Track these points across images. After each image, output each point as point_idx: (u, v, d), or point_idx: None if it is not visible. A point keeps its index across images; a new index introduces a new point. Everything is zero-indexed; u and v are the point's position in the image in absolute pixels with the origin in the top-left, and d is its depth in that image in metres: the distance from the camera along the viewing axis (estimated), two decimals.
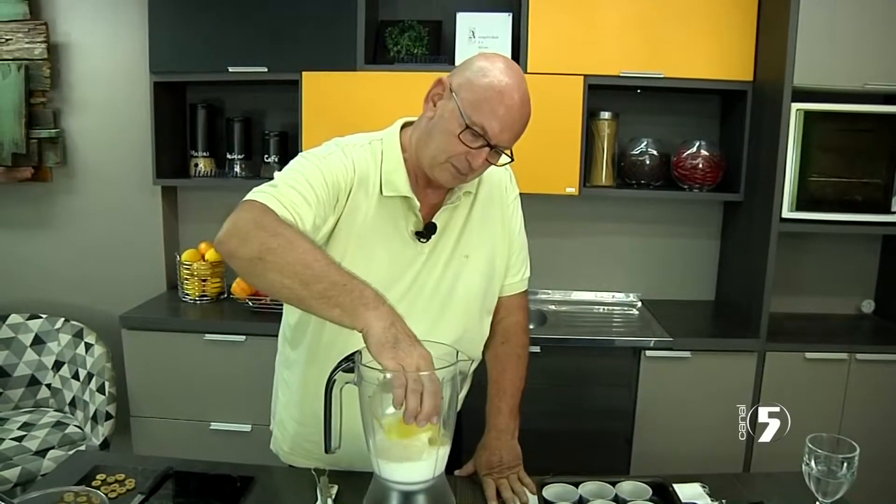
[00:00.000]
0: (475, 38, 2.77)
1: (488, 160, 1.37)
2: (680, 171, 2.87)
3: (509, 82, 1.36)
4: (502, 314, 1.64)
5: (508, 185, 1.62)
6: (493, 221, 1.56)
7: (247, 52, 2.79)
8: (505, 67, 1.38)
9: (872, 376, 2.61)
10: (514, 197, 1.64)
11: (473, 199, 1.53)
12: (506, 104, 1.34)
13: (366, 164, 1.44)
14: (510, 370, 1.61)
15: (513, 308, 1.65)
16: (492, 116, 1.33)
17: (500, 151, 1.38)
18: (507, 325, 1.64)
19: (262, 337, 2.68)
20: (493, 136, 1.34)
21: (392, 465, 1.19)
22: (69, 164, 3.16)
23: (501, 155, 1.39)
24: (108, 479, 1.49)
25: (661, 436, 2.64)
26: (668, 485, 1.44)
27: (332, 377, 1.19)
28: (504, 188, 1.60)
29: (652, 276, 3.15)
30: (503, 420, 1.58)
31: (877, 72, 2.52)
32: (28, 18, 2.99)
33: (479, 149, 1.35)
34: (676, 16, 2.68)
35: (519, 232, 1.64)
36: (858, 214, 2.62)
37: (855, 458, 1.27)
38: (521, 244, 1.65)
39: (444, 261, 1.49)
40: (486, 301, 1.57)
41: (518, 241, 1.63)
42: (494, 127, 1.34)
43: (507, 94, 1.35)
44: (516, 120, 1.37)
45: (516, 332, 1.64)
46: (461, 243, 1.51)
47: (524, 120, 1.39)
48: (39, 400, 2.94)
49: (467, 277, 1.51)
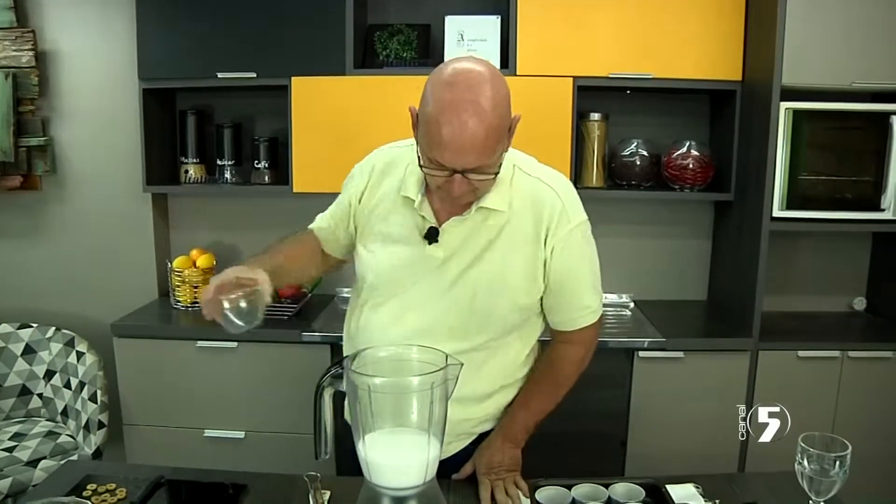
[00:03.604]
0: (464, 42, 2.77)
1: (468, 182, 1.32)
2: (670, 171, 2.88)
3: (452, 99, 1.26)
4: (560, 339, 1.61)
5: (556, 221, 1.47)
6: (527, 248, 1.47)
7: (236, 58, 2.78)
8: (449, 81, 1.29)
9: (865, 374, 2.62)
10: (567, 231, 1.47)
11: (507, 221, 1.47)
12: (452, 128, 1.26)
13: (395, 164, 1.56)
14: (544, 391, 1.61)
15: (566, 339, 1.60)
16: (440, 148, 1.28)
17: (475, 172, 1.31)
18: (561, 352, 1.61)
19: (254, 343, 2.68)
20: (451, 165, 1.29)
21: (383, 470, 1.19)
22: (58, 173, 3.15)
23: (480, 174, 1.32)
24: (100, 488, 1.49)
25: (655, 436, 2.64)
26: (661, 486, 1.44)
27: (322, 383, 1.18)
28: (550, 214, 1.47)
29: (644, 277, 3.15)
30: (514, 428, 1.59)
31: (864, 70, 2.53)
32: (15, 26, 2.98)
33: (450, 177, 1.32)
34: (665, 17, 2.68)
35: (572, 269, 1.51)
36: (849, 212, 2.63)
37: (847, 456, 1.27)
38: (568, 283, 1.52)
39: (458, 273, 1.48)
40: (501, 325, 1.52)
41: (569, 279, 1.51)
42: (447, 157, 1.28)
43: (450, 117, 1.26)
44: (467, 139, 1.26)
45: (561, 359, 1.61)
46: (483, 261, 1.47)
47: (482, 132, 1.26)
48: (31, 409, 2.92)
49: (482, 306, 1.48)
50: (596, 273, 1.56)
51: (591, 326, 1.58)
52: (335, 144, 2.72)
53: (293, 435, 2.66)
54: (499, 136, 1.30)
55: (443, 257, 1.48)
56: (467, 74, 1.28)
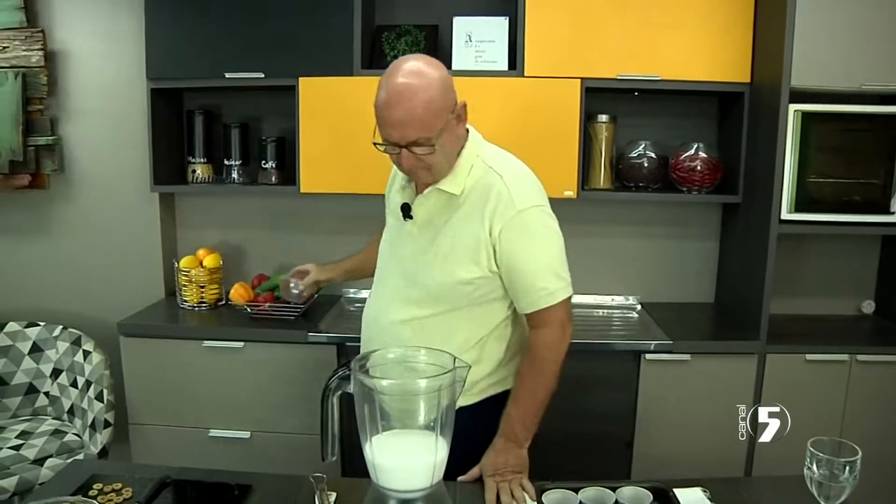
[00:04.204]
0: (472, 43, 2.77)
1: (415, 155, 1.54)
2: (678, 173, 2.87)
3: (395, 85, 1.51)
4: (531, 325, 1.69)
5: (501, 206, 1.60)
6: (471, 228, 1.62)
7: (243, 58, 2.78)
8: (393, 72, 1.54)
9: (873, 377, 2.60)
10: (511, 216, 1.59)
11: (461, 204, 1.64)
12: (389, 107, 1.51)
13: None
14: (525, 380, 1.66)
15: (534, 323, 1.67)
16: (387, 126, 1.53)
17: (417, 146, 1.53)
18: (534, 339, 1.68)
19: (260, 343, 2.68)
20: (395, 140, 1.53)
21: (390, 473, 1.19)
22: (66, 172, 3.16)
23: (422, 147, 1.53)
24: (105, 488, 1.49)
25: (661, 439, 2.63)
26: (669, 490, 1.43)
27: (329, 385, 1.18)
28: (496, 200, 1.60)
29: (651, 279, 3.14)
30: (510, 426, 1.62)
31: (874, 72, 2.51)
32: (25, 26, 2.99)
33: (399, 153, 1.55)
34: (673, 18, 2.67)
35: (521, 253, 1.61)
36: (857, 215, 2.61)
37: (857, 461, 1.26)
38: (519, 267, 1.62)
39: (423, 248, 1.67)
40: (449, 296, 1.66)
41: (520, 263, 1.61)
42: (393, 133, 1.53)
43: (390, 98, 1.51)
44: (406, 115, 1.50)
45: (534, 345, 1.67)
46: (431, 237, 1.67)
47: (419, 109, 1.49)
48: (38, 408, 2.93)
49: (429, 275, 1.66)
50: (554, 256, 1.65)
51: (555, 308, 1.64)
52: (342, 145, 2.72)
53: (299, 435, 2.66)
54: (434, 112, 1.52)
55: (417, 232, 1.69)
56: (408, 67, 1.53)
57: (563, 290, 1.65)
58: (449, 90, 1.57)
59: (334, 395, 1.22)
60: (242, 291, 2.87)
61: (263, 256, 3.23)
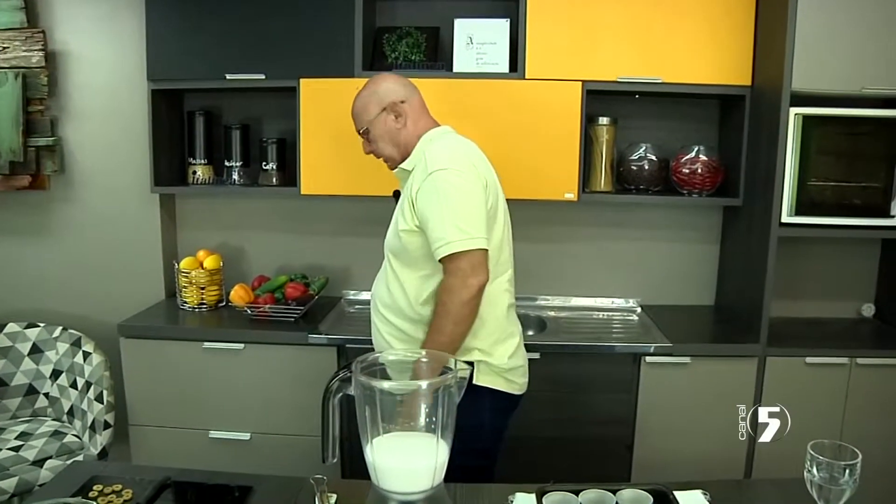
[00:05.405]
0: (473, 45, 2.77)
1: (365, 140, 2.10)
2: (679, 176, 2.87)
3: None
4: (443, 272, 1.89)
5: (418, 168, 1.94)
6: (405, 192, 1.97)
7: (244, 60, 2.78)
8: None
9: (873, 380, 2.60)
10: (423, 178, 1.88)
11: (409, 177, 1.98)
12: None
13: None
14: (433, 322, 1.88)
15: (445, 269, 1.86)
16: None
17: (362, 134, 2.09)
18: (442, 283, 1.89)
19: (260, 345, 2.68)
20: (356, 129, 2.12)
21: (390, 474, 1.19)
22: (67, 172, 3.16)
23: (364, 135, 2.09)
24: (106, 489, 1.49)
25: (661, 442, 2.63)
26: (669, 492, 1.43)
27: (330, 387, 1.18)
28: (417, 167, 1.95)
29: (651, 282, 3.15)
30: None
31: (874, 76, 2.52)
32: (25, 26, 2.99)
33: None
34: (674, 21, 2.68)
35: (426, 209, 1.86)
36: (858, 218, 2.62)
37: (857, 464, 1.26)
38: (427, 220, 1.86)
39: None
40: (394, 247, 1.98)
41: (427, 217, 1.85)
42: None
43: None
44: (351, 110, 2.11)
45: (443, 290, 1.87)
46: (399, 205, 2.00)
47: (352, 106, 2.09)
48: (37, 409, 2.93)
49: (389, 235, 2.02)
50: (456, 212, 1.83)
51: (457, 257, 1.81)
52: (343, 146, 2.72)
53: (299, 437, 2.67)
54: (357, 111, 2.08)
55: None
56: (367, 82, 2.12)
57: (462, 243, 1.80)
58: (376, 94, 2.04)
59: (335, 396, 1.22)
60: (243, 293, 2.87)
61: (264, 258, 3.23)
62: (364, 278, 2.07)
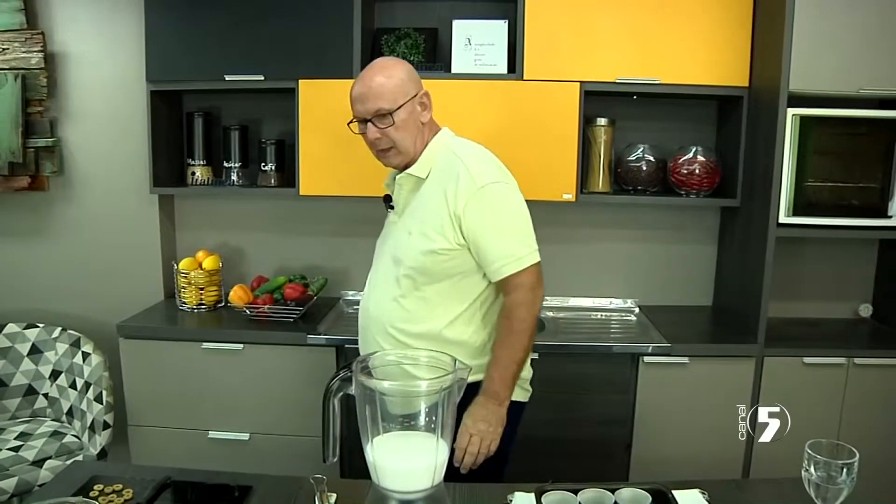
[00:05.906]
0: (471, 46, 2.77)
1: (378, 129, 1.79)
2: (676, 176, 2.88)
3: (363, 72, 1.82)
4: (503, 292, 1.82)
5: (461, 181, 1.75)
6: (434, 206, 1.78)
7: (243, 61, 2.79)
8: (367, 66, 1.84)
9: (871, 381, 2.61)
10: (473, 192, 1.74)
11: (423, 184, 1.84)
12: (356, 85, 1.80)
13: None
14: (503, 340, 1.79)
15: (507, 289, 1.79)
16: (353, 104, 1.81)
17: (378, 118, 1.78)
18: (507, 303, 1.81)
19: (259, 345, 2.68)
20: (359, 115, 1.80)
21: (391, 474, 1.19)
22: (66, 173, 3.16)
23: (383, 118, 1.77)
24: (106, 489, 1.49)
25: (659, 442, 2.63)
26: (668, 492, 1.44)
27: (330, 387, 1.19)
28: (456, 180, 1.76)
29: (649, 282, 3.15)
30: (491, 384, 1.77)
31: (872, 77, 2.52)
32: (25, 28, 2.99)
33: (365, 126, 1.80)
34: (672, 22, 2.68)
35: (484, 226, 1.75)
36: (855, 219, 2.62)
37: (854, 463, 1.27)
38: (485, 237, 1.76)
39: (403, 229, 1.86)
40: (419, 269, 1.80)
41: (484, 235, 1.75)
42: (357, 108, 1.80)
43: (357, 80, 1.81)
44: (364, 87, 1.78)
45: (509, 307, 1.79)
46: (406, 220, 1.86)
47: (376, 84, 1.77)
48: (37, 409, 2.93)
49: (406, 251, 1.82)
50: (518, 226, 1.79)
51: (525, 273, 1.76)
52: (342, 148, 2.72)
53: (298, 437, 2.67)
54: (392, 88, 1.77)
55: (398, 219, 1.90)
56: (377, 61, 1.86)
57: (529, 257, 1.77)
58: (411, 75, 1.83)
59: (335, 396, 1.22)
60: (242, 293, 2.88)
61: (263, 259, 3.23)
62: (363, 279, 2.06)
